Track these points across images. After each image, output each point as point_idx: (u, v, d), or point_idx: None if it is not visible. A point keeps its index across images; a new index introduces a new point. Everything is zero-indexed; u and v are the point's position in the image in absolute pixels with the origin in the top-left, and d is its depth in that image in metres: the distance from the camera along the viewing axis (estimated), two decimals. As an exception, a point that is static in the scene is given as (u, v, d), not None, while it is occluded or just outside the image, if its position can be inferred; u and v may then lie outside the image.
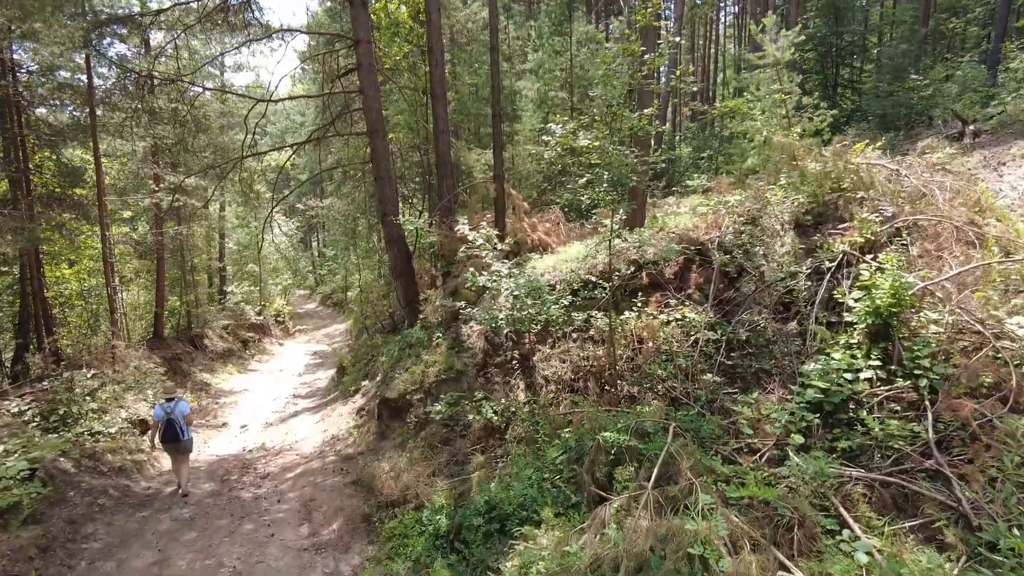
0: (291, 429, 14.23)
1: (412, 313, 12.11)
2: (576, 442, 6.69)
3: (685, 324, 8.63)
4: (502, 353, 9.70)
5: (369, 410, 12.76)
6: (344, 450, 11.08)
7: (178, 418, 9.37)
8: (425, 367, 10.16)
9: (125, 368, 12.95)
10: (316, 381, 21.31)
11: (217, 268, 29.11)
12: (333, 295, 42.55)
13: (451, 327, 10.68)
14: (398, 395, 10.04)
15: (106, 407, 11.57)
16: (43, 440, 9.66)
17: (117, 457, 10.50)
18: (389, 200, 11.92)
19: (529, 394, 8.92)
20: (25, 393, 11.18)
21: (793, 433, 6.31)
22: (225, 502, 9.36)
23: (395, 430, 10.30)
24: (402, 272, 12.06)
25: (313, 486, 9.55)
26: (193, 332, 23.13)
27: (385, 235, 12.03)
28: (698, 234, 9.75)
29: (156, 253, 20.21)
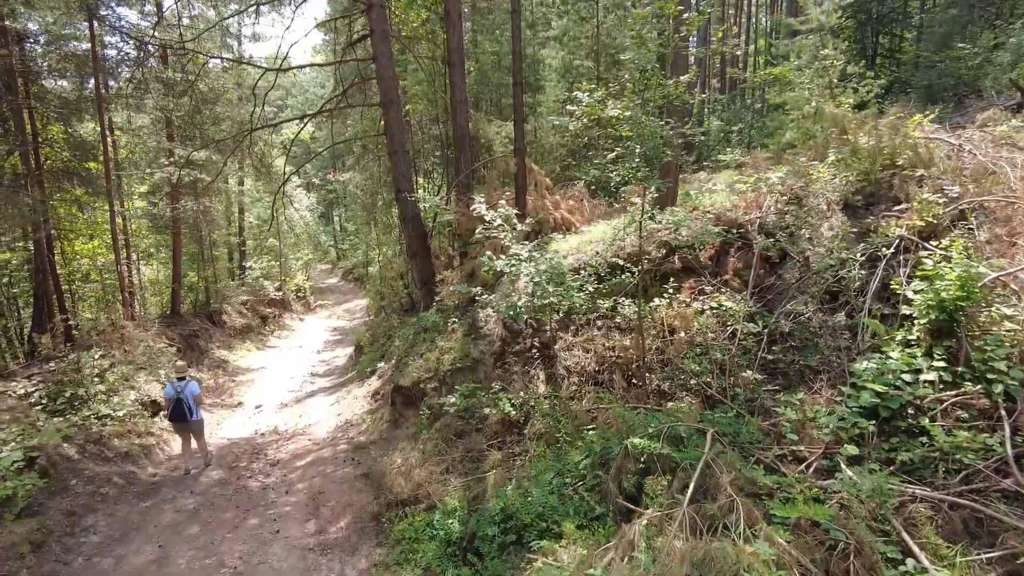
0: (305, 411, 13.89)
1: (428, 295, 11.55)
2: (601, 446, 6.08)
3: (721, 313, 7.94)
4: (521, 341, 9.10)
5: (384, 395, 12.31)
6: (356, 438, 10.65)
7: (187, 398, 9.35)
8: (440, 354, 9.61)
9: (135, 348, 12.63)
10: (335, 359, 21.04)
11: (236, 243, 28.82)
12: (354, 270, 42.31)
13: (468, 311, 10.10)
14: (412, 383, 9.52)
15: (115, 388, 11.25)
16: (47, 424, 9.36)
17: (124, 442, 10.19)
18: (403, 176, 11.29)
19: (550, 386, 8.33)
20: (33, 374, 10.90)
21: (845, 443, 5.63)
22: (232, 492, 8.99)
23: (408, 419, 9.81)
24: (417, 251, 11.47)
25: (323, 477, 9.13)
26: (211, 308, 22.89)
27: (400, 213, 11.42)
28: (736, 214, 8.97)
29: (172, 228, 19.89)
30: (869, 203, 8.16)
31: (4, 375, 10.96)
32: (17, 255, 16.20)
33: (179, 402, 9.31)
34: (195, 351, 18.80)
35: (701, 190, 10.64)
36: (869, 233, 7.55)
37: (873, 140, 8.14)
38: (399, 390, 9.94)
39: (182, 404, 9.33)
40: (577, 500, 5.83)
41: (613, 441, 6.11)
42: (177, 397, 9.32)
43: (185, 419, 9.39)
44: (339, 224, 53.61)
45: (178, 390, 9.38)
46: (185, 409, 9.35)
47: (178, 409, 9.31)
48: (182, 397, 9.34)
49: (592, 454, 6.19)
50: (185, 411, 9.35)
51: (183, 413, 9.34)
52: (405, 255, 13.47)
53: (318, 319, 31.63)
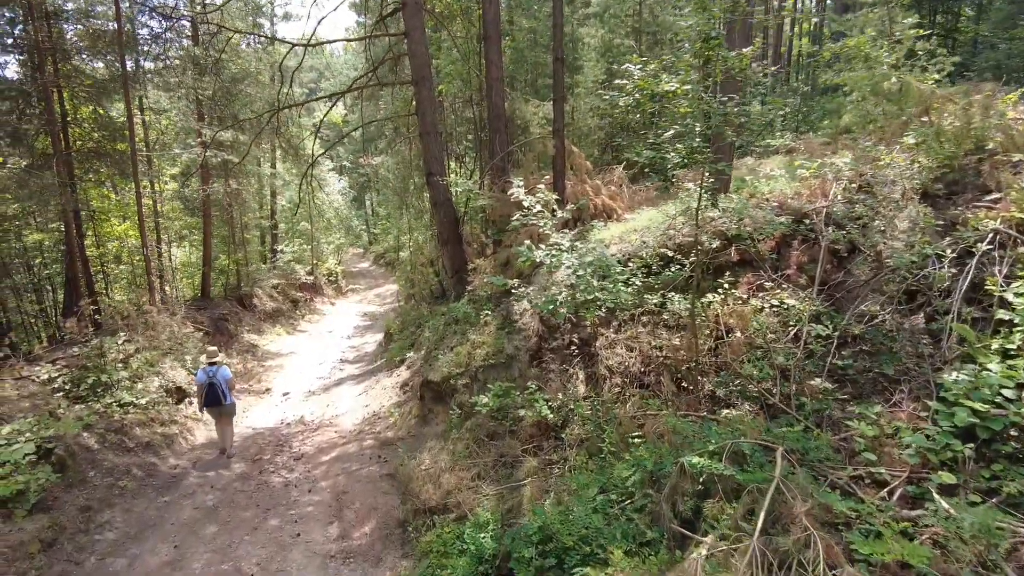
0: (333, 400, 13.53)
1: (459, 284, 10.98)
2: (653, 462, 5.44)
3: (783, 312, 7.19)
4: (559, 336, 8.47)
5: (412, 387, 11.84)
6: (383, 432, 10.19)
7: (220, 382, 9.42)
8: (472, 348, 9.05)
9: (160, 333, 12.36)
10: (364, 345, 20.72)
11: (268, 226, 28.68)
12: (386, 255, 42.09)
13: (501, 303, 9.50)
14: (442, 378, 8.99)
15: (139, 375, 10.98)
16: (67, 412, 9.09)
17: (146, 431, 9.89)
18: (435, 158, 10.69)
19: (590, 387, 7.71)
20: (57, 359, 10.68)
21: (936, 468, 4.90)
22: (253, 488, 8.60)
23: (438, 415, 9.30)
24: (449, 238, 10.89)
25: (347, 475, 8.68)
26: (242, 291, 22.73)
27: (431, 197, 10.84)
28: (799, 203, 8.17)
29: (202, 211, 19.69)
30: (952, 192, 7.29)
31: (30, 359, 10.77)
32: (50, 236, 16.12)
33: (212, 387, 9.36)
34: (224, 335, 18.62)
35: (757, 176, 9.79)
36: (955, 226, 6.72)
37: (960, 121, 7.24)
38: (428, 385, 9.43)
39: (215, 388, 9.37)
40: (625, 521, 5.21)
41: (666, 456, 5.46)
42: (210, 382, 9.36)
43: (219, 403, 9.44)
44: (371, 208, 53.45)
45: (210, 375, 9.39)
46: (219, 393, 9.39)
47: (212, 394, 9.37)
48: (215, 382, 9.38)
49: (641, 469, 5.56)
50: (219, 395, 9.40)
51: (217, 397, 9.39)
52: (436, 241, 12.91)
53: (349, 303, 31.45)
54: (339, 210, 42.39)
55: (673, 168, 6.11)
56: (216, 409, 9.62)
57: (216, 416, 9.86)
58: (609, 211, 10.64)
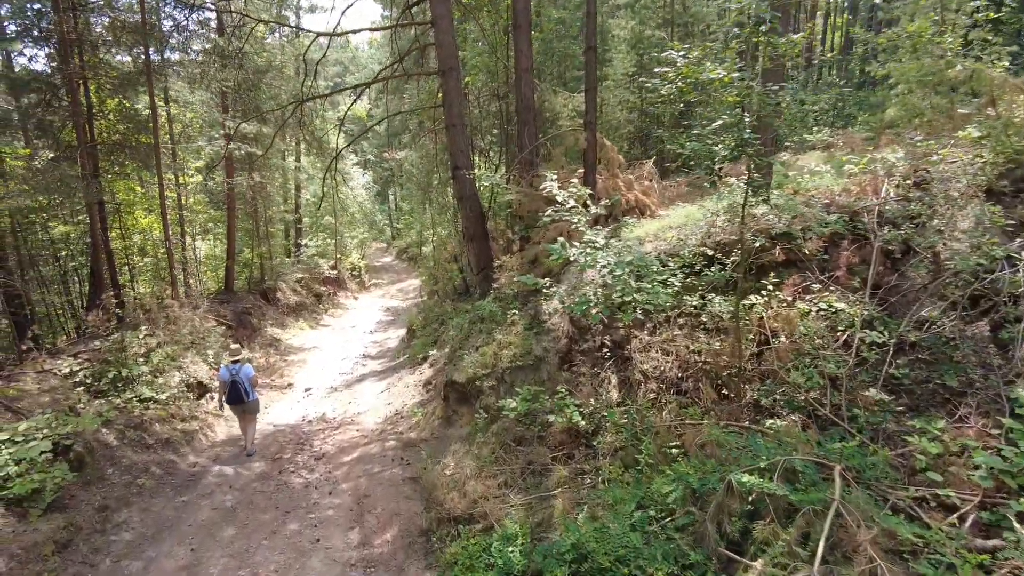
0: (355, 397, 13.32)
1: (485, 281, 10.66)
2: (698, 478, 5.05)
3: (832, 317, 6.74)
4: (590, 338, 8.10)
5: (436, 386, 11.56)
6: (406, 433, 9.91)
7: (243, 380, 9.37)
8: (498, 348, 8.72)
9: (181, 327, 12.23)
10: (387, 340, 20.55)
11: (292, 220, 28.65)
12: (408, 249, 42.04)
13: (529, 302, 9.16)
14: (467, 379, 8.67)
15: (160, 369, 10.85)
16: (88, 407, 8.96)
17: (166, 427, 9.74)
18: (461, 151, 10.36)
19: (623, 393, 7.33)
20: (79, 352, 10.59)
21: (1017, 495, 4.45)
22: (273, 489, 8.38)
23: (462, 417, 8.99)
24: (474, 234, 10.56)
25: (369, 477, 8.42)
26: (265, 285, 22.70)
27: (456, 191, 10.52)
28: (848, 200, 7.69)
29: (227, 204, 19.64)
30: (1020, 189, 6.77)
31: (52, 352, 10.69)
32: (76, 228, 16.15)
33: (235, 384, 9.30)
34: (247, 329, 18.55)
35: (800, 172, 9.30)
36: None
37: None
38: (453, 385, 9.12)
39: (238, 386, 9.32)
40: (665, 541, 4.84)
41: (710, 472, 5.07)
42: (232, 380, 9.30)
43: (242, 400, 9.39)
44: (394, 203, 53.43)
45: (233, 372, 9.33)
46: (241, 391, 9.34)
47: (234, 391, 9.32)
48: (237, 379, 9.32)
49: (683, 485, 5.17)
50: (241, 393, 9.35)
51: (239, 395, 9.35)
52: (460, 237, 12.60)
53: (372, 298, 31.38)
54: (363, 204, 42.44)
55: (721, 161, 5.70)
56: (239, 407, 9.55)
57: (239, 414, 9.78)
58: (642, 207, 10.22)
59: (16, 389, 8.72)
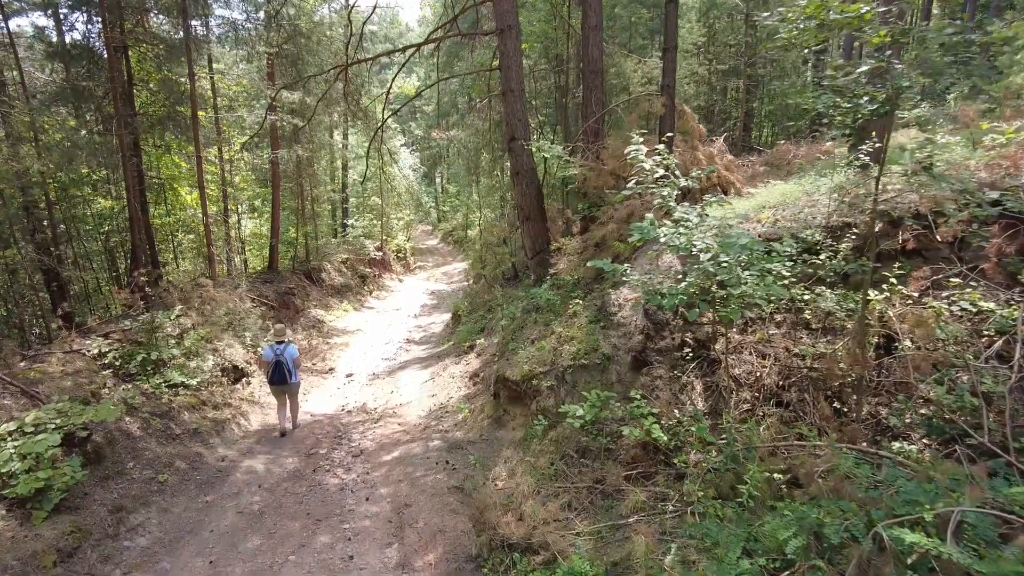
0: (398, 386, 12.51)
1: (540, 266, 9.58)
2: (833, 528, 3.88)
3: (976, 318, 5.42)
4: (668, 335, 6.94)
5: (483, 379, 10.59)
6: (452, 432, 8.97)
7: (287, 361, 9.31)
8: (558, 343, 7.64)
9: (218, 308, 11.57)
10: (431, 325, 19.80)
11: (339, 199, 28.09)
12: (454, 232, 41.44)
13: (593, 291, 8.04)
14: (521, 376, 7.62)
15: (193, 352, 10.19)
16: (112, 391, 8.31)
17: (195, 416, 9.05)
18: (519, 120, 9.26)
19: (710, 402, 6.17)
20: (110, 332, 9.99)
21: None
22: (305, 490, 7.55)
23: (515, 418, 7.98)
24: (531, 214, 9.47)
25: (410, 482, 7.50)
26: (310, 265, 22.18)
27: (512, 165, 9.44)
28: (993, 176, 6.29)
29: (271, 179, 19.04)
30: None
31: (83, 331, 10.13)
32: (119, 204, 15.76)
33: (279, 364, 9.24)
34: (290, 309, 18.01)
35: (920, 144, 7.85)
36: None
37: None
38: (505, 382, 8.10)
39: (282, 367, 9.25)
40: (789, 608, 3.71)
41: (844, 516, 3.90)
42: (277, 360, 9.23)
43: (285, 382, 9.31)
44: (440, 186, 52.79)
45: (277, 353, 9.27)
46: (285, 372, 9.27)
47: (278, 372, 9.25)
48: (282, 360, 9.25)
49: (804, 530, 4.01)
50: (285, 374, 9.27)
51: (283, 376, 9.27)
52: (514, 217, 11.53)
53: (417, 280, 30.79)
54: (410, 185, 41.86)
55: (866, 117, 4.43)
56: (280, 387, 9.40)
57: (279, 395, 9.58)
58: (724, 184, 8.95)
59: (38, 371, 8.11)
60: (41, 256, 10.66)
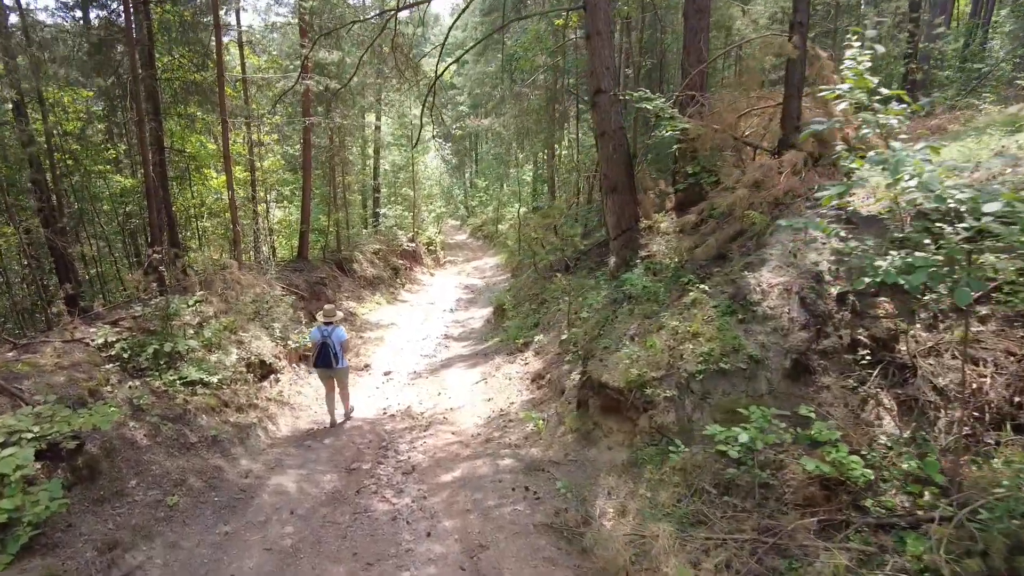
0: (444, 387, 10.96)
1: (626, 247, 7.90)
2: None
3: None
4: (834, 331, 5.22)
5: (551, 382, 8.96)
6: (524, 448, 7.33)
7: (334, 343, 8.60)
8: (675, 341, 5.95)
9: (244, 294, 10.09)
10: (470, 320, 18.30)
11: (371, 187, 26.69)
12: (483, 227, 40.14)
13: (712, 275, 6.35)
14: (626, 383, 5.93)
15: (214, 344, 8.72)
16: (116, 389, 6.83)
17: (215, 419, 7.55)
18: (606, 68, 7.58)
19: (904, 421, 4.45)
20: (119, 319, 8.55)
21: None
22: (348, 519, 5.98)
23: (611, 434, 6.31)
24: (617, 183, 7.78)
25: (482, 514, 5.87)
26: (341, 255, 20.81)
27: (597, 124, 7.76)
28: None
29: (302, 160, 17.62)
30: None
31: (88, 317, 8.71)
32: (139, 182, 14.44)
33: (325, 347, 8.54)
34: (321, 300, 16.55)
35: None
36: None
37: None
38: (598, 389, 6.42)
39: (328, 349, 8.54)
40: None
41: None
42: (323, 341, 8.54)
43: (330, 365, 8.59)
44: (468, 181, 51.45)
45: (325, 334, 8.57)
46: (331, 355, 8.55)
47: (324, 354, 8.55)
48: (328, 342, 8.54)
49: None
50: (331, 357, 8.55)
51: (328, 359, 8.56)
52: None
53: (448, 275, 29.34)
54: (441, 178, 40.51)
55: None
56: (326, 371, 8.69)
57: (326, 379, 8.88)
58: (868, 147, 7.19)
59: (28, 363, 6.65)
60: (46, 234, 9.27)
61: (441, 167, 40.56)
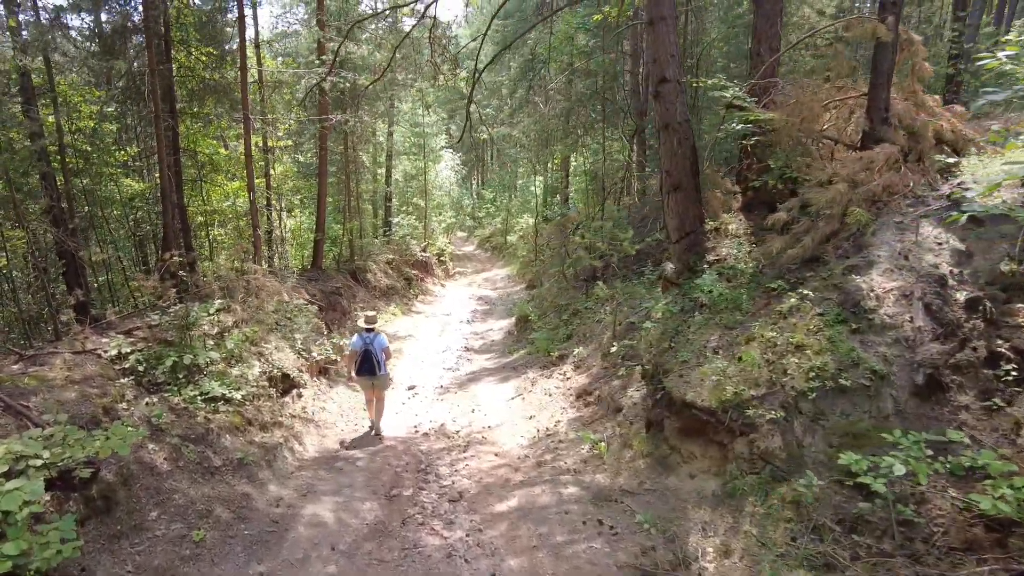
0: (477, 402, 10.28)
1: (689, 251, 7.20)
2: None
3: None
4: (967, 341, 4.50)
5: (602, 399, 8.24)
6: (585, 473, 6.57)
7: (376, 350, 8.37)
8: (774, 354, 5.23)
9: (267, 302, 9.40)
10: (488, 332, 17.64)
11: (383, 195, 26.08)
12: (491, 238, 39.63)
13: (806, 279, 5.65)
14: (718, 403, 5.20)
15: (236, 356, 8.02)
16: (133, 406, 6.12)
17: (240, 440, 6.84)
18: (671, 56, 6.92)
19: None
20: (133, 328, 7.85)
21: None
22: (397, 556, 5.24)
23: (693, 459, 5.57)
24: (681, 181, 7.08)
25: (552, 552, 5.13)
26: (355, 265, 20.15)
27: (660, 116, 7.09)
28: None
29: (319, 168, 17.00)
30: None
31: (100, 327, 8.01)
32: (151, 184, 13.79)
33: (367, 354, 8.31)
34: (337, 311, 15.89)
35: None
36: None
37: None
38: (679, 409, 5.68)
39: (371, 356, 8.31)
40: None
41: None
42: (366, 349, 8.31)
43: (374, 372, 8.35)
44: (475, 192, 51.02)
45: (367, 341, 8.34)
46: (374, 362, 8.31)
47: (367, 362, 8.32)
48: (371, 349, 8.31)
49: None
50: (374, 364, 8.30)
51: (372, 367, 8.31)
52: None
53: (459, 286, 28.70)
54: (451, 188, 40.04)
55: None
56: (368, 379, 8.41)
57: (367, 388, 8.65)
58: (959, 142, 6.53)
59: (36, 377, 5.95)
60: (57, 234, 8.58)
61: (451, 177, 40.00)
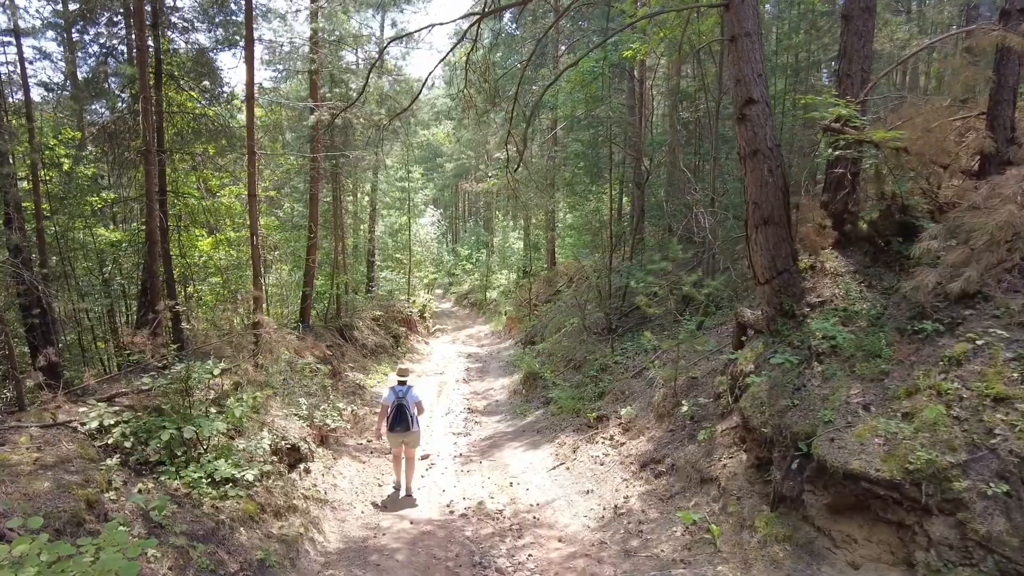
0: (510, 473, 9.04)
1: (784, 292, 6.21)
2: None
3: None
4: None
5: (676, 469, 7.05)
6: (697, 564, 5.30)
7: (409, 404, 8.16)
8: (963, 409, 4.18)
9: (273, 361, 8.07)
10: (490, 392, 16.45)
11: (366, 249, 24.95)
12: (470, 295, 38.90)
13: (965, 320, 4.69)
14: (901, 472, 4.05)
15: (240, 427, 6.63)
16: (125, 493, 4.71)
17: (255, 533, 5.43)
18: (758, 75, 6.16)
19: None
20: (116, 394, 6.43)
21: None
22: None
23: (853, 545, 4.39)
24: (771, 214, 6.16)
25: None
26: (341, 321, 18.80)
27: (745, 143, 6.22)
28: None
29: (310, 217, 15.88)
30: None
31: (74, 393, 6.57)
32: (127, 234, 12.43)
33: (400, 408, 8.07)
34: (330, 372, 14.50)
35: None
36: None
37: None
38: (836, 481, 4.51)
39: (404, 411, 8.07)
40: None
41: None
42: (399, 403, 8.10)
43: (407, 428, 8.07)
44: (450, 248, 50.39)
45: (400, 395, 8.15)
46: (407, 416, 8.06)
47: (400, 416, 8.05)
48: (404, 403, 8.10)
49: None
50: (407, 418, 8.05)
51: (406, 422, 8.04)
52: (746, 220, 8.25)
53: (442, 344, 27.41)
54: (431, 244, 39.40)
55: None
56: (401, 435, 8.07)
57: (397, 444, 8.24)
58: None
59: (-5, 460, 4.53)
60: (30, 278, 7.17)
61: (432, 232, 39.34)
